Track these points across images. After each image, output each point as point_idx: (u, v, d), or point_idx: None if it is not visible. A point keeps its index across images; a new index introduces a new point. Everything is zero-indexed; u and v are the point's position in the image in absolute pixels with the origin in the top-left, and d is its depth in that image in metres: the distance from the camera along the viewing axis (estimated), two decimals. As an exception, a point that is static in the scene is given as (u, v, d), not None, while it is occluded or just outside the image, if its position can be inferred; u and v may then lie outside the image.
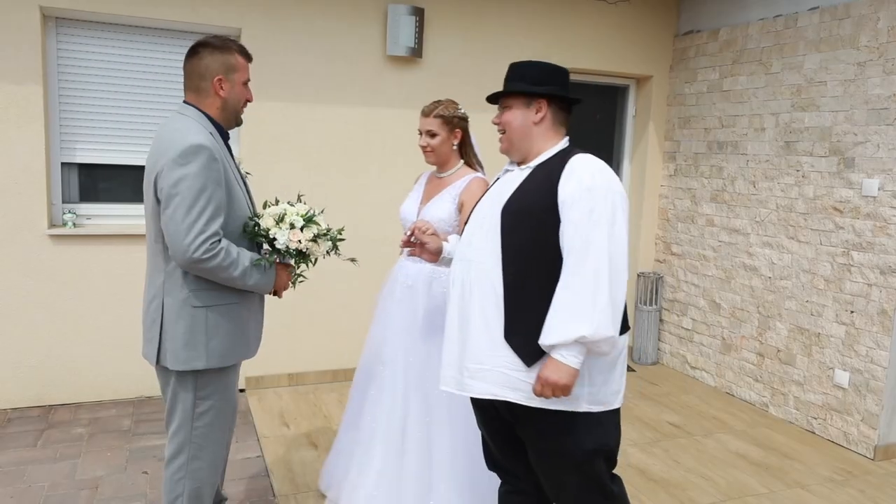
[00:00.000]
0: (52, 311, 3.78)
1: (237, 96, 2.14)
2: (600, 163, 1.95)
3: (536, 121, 2.01)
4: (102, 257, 3.83)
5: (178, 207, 1.93)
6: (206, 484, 2.20)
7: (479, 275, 1.95)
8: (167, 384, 2.16)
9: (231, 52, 2.10)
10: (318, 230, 2.14)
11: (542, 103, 2.00)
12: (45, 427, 3.56)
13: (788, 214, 4.11)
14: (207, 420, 2.15)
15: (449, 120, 2.60)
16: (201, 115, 2.09)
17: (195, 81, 2.09)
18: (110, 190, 3.99)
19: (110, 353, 3.90)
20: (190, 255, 1.93)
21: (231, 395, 2.24)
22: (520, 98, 2.02)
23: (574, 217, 1.84)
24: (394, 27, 4.16)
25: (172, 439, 2.17)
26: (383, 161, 4.35)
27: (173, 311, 2.05)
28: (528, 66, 2.05)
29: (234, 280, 2.03)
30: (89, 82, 3.81)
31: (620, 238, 1.86)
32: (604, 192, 1.86)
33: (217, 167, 1.99)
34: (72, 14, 3.68)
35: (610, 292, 1.81)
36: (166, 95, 3.95)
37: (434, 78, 4.40)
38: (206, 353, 2.06)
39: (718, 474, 3.37)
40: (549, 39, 4.67)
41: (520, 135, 2.02)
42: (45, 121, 3.67)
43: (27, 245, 3.68)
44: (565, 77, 2.06)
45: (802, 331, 4.02)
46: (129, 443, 3.42)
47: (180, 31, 3.92)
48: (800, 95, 4.04)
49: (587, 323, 1.78)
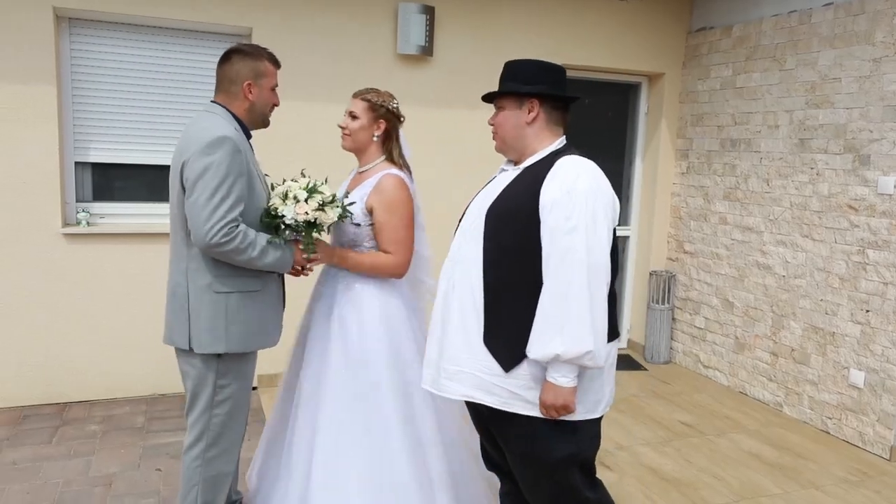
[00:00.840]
0: (66, 310, 3.81)
1: (264, 100, 2.26)
2: (588, 165, 1.88)
3: (528, 121, 1.96)
4: (116, 256, 3.86)
5: (202, 194, 2.02)
6: (221, 473, 2.27)
7: (462, 276, 1.94)
8: (189, 371, 2.22)
9: (261, 59, 2.22)
10: (324, 198, 2.17)
11: (534, 103, 1.95)
12: (60, 424, 3.59)
13: (803, 212, 4.07)
14: (226, 409, 2.22)
15: (375, 107, 2.39)
16: (228, 113, 2.20)
17: (226, 85, 2.22)
18: (124, 189, 4.02)
19: (124, 351, 3.93)
20: (209, 240, 2.01)
21: (248, 385, 2.30)
22: (512, 98, 1.97)
23: (551, 223, 1.80)
24: (404, 26, 4.16)
25: (192, 428, 2.24)
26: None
27: (196, 297, 2.13)
28: (520, 65, 2.00)
29: (252, 261, 2.09)
30: (102, 82, 3.84)
31: (600, 245, 1.79)
32: (584, 195, 1.79)
33: (240, 158, 2.08)
34: (84, 14, 3.71)
35: (589, 304, 1.75)
36: (179, 94, 3.98)
37: (445, 76, 4.40)
38: (227, 338, 2.14)
39: (731, 474, 3.34)
40: (561, 37, 4.65)
41: (512, 135, 1.98)
42: (59, 120, 3.70)
43: (41, 244, 3.71)
44: (560, 75, 2.00)
45: (817, 330, 3.98)
46: (143, 440, 3.44)
47: (192, 30, 3.94)
48: (814, 92, 4.00)
49: (558, 340, 1.76)
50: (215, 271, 2.12)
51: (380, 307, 2.37)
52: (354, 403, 2.30)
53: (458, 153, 4.51)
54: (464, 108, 4.47)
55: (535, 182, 1.86)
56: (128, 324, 3.91)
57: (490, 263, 1.89)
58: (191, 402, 2.24)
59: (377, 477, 2.26)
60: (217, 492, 2.28)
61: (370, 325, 2.34)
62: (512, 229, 1.86)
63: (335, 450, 2.27)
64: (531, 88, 1.94)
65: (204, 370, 2.18)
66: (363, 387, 2.30)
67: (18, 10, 3.52)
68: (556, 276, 1.77)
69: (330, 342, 2.36)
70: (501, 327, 1.87)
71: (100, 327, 3.88)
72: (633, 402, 4.25)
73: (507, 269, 1.86)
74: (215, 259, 2.11)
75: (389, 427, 2.29)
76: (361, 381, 2.31)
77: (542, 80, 1.95)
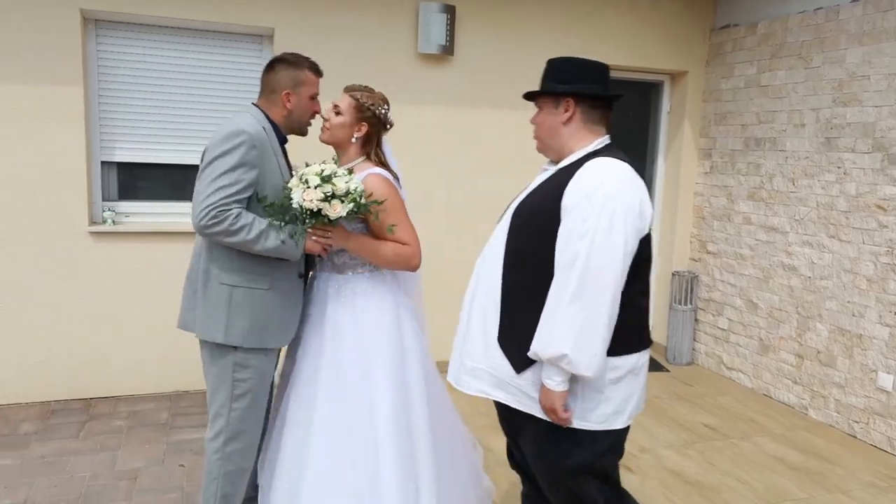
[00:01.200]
0: (92, 307, 3.87)
1: (302, 109, 2.30)
2: (617, 168, 1.81)
3: (564, 121, 1.91)
4: (141, 254, 3.92)
5: (205, 180, 2.08)
6: (241, 468, 2.30)
7: (486, 274, 1.94)
8: (206, 363, 2.26)
9: (302, 69, 2.28)
10: (334, 190, 2.06)
11: (569, 102, 1.90)
12: (87, 419, 3.65)
13: (829, 212, 4.01)
14: (244, 404, 2.25)
15: (361, 108, 2.26)
16: (261, 114, 2.25)
17: (267, 92, 2.29)
18: (148, 188, 4.08)
19: (149, 348, 3.99)
20: (199, 221, 2.06)
21: (267, 382, 2.32)
22: (548, 97, 1.94)
23: (568, 226, 1.77)
24: (425, 25, 4.16)
25: (213, 422, 2.27)
26: (415, 158, 4.36)
27: (204, 284, 2.19)
28: (558, 64, 1.95)
29: (248, 244, 2.09)
30: (127, 82, 3.90)
31: (611, 253, 1.73)
32: (603, 200, 1.73)
33: (255, 153, 2.11)
34: (111, 16, 3.76)
35: (579, 309, 1.71)
36: (202, 94, 4.02)
37: (466, 76, 4.40)
38: (225, 329, 2.17)
39: (755, 478, 3.30)
40: (585, 35, 4.63)
41: (549, 135, 1.95)
42: (86, 120, 3.76)
43: (68, 242, 3.78)
44: (599, 73, 1.94)
45: (844, 332, 3.91)
46: (167, 436, 3.49)
47: (215, 31, 3.99)
48: (841, 90, 3.93)
49: (538, 339, 1.77)
50: (224, 263, 2.16)
51: (375, 310, 2.29)
52: (346, 407, 2.22)
53: (480, 152, 4.50)
54: (485, 108, 4.47)
55: (561, 184, 1.82)
56: (152, 321, 3.96)
57: (509, 263, 1.88)
58: (211, 396, 2.28)
59: (360, 482, 2.17)
60: (236, 486, 2.31)
61: (365, 328, 2.27)
62: (532, 230, 1.84)
63: (324, 453, 2.19)
64: (566, 88, 1.90)
65: (220, 362, 2.21)
66: (356, 391, 2.23)
67: (47, 13, 3.58)
68: (559, 279, 1.76)
69: (323, 346, 2.28)
70: (514, 328, 1.86)
71: (125, 324, 3.94)
72: (656, 404, 4.21)
73: (524, 271, 1.85)
74: (227, 251, 2.15)
75: (380, 431, 2.20)
76: (355, 384, 2.23)
77: (579, 78, 1.91)
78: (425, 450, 2.27)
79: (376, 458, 2.18)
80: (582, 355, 1.73)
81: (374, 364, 2.24)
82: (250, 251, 2.13)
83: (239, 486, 2.32)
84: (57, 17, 3.60)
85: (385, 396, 2.22)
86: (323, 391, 2.24)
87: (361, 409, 2.22)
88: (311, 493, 2.17)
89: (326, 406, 2.22)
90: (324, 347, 2.28)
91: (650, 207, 1.85)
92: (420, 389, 2.30)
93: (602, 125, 1.95)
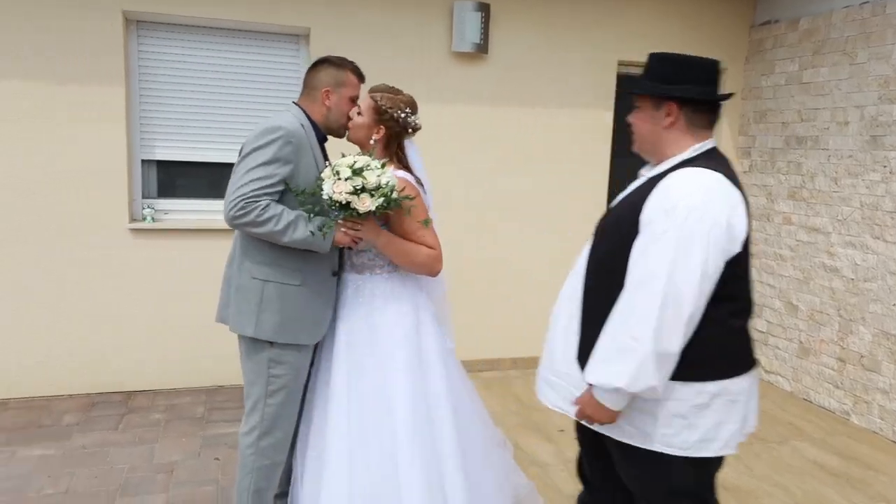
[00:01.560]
0: (131, 302, 3.96)
1: (341, 109, 2.32)
2: (704, 181, 1.63)
3: (665, 125, 1.75)
4: (179, 251, 3.99)
5: (238, 172, 2.13)
6: (274, 462, 2.33)
7: (573, 284, 1.85)
8: (243, 357, 2.29)
9: (344, 70, 2.32)
10: (364, 183, 2.01)
11: (673, 107, 1.73)
12: (126, 412, 3.74)
13: (874, 213, 3.89)
14: (279, 399, 2.27)
15: (380, 111, 2.23)
16: (301, 112, 2.29)
17: (308, 89, 2.33)
18: (187, 186, 4.15)
19: (186, 342, 4.06)
20: (228, 211, 2.10)
21: (302, 378, 2.33)
22: (648, 98, 1.77)
23: (643, 241, 1.64)
24: (459, 23, 4.15)
25: (248, 416, 2.30)
26: (450, 157, 4.36)
27: (238, 278, 2.24)
28: (661, 61, 1.77)
29: (275, 235, 2.11)
30: (167, 82, 3.97)
31: (689, 274, 1.57)
32: (684, 216, 1.58)
33: (290, 149, 2.14)
34: (152, 17, 3.84)
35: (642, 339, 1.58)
36: (240, 94, 4.08)
37: (500, 74, 4.38)
38: (256, 323, 2.20)
39: (794, 483, 3.22)
40: (620, 32, 4.57)
41: (649, 139, 1.80)
42: (127, 120, 3.84)
43: (109, 238, 3.87)
44: (709, 72, 1.75)
45: (888, 336, 3.79)
46: (203, 430, 3.54)
47: (252, 31, 4.04)
48: (888, 87, 3.81)
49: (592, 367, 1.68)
50: (257, 257, 2.20)
51: (393, 312, 2.26)
52: (362, 410, 2.20)
53: (514, 151, 4.48)
54: (520, 107, 4.44)
55: (643, 196, 1.69)
56: (190, 316, 4.03)
57: (590, 276, 1.78)
58: (247, 391, 2.31)
59: (377, 484, 2.15)
60: (269, 480, 2.34)
61: (383, 330, 2.24)
62: (612, 243, 1.73)
63: (345, 455, 2.18)
64: (670, 90, 1.72)
65: (256, 358, 2.25)
66: (373, 393, 2.21)
67: (91, 15, 3.67)
68: (625, 299, 1.64)
69: (338, 347, 2.27)
70: (592, 346, 1.74)
71: (163, 319, 4.02)
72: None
73: (603, 285, 1.74)
74: (261, 246, 2.19)
75: (400, 436, 2.17)
76: (371, 387, 2.22)
77: (686, 78, 1.72)
78: (451, 451, 2.24)
79: (394, 462, 2.15)
80: (636, 386, 1.62)
81: (391, 367, 2.22)
82: (279, 243, 2.14)
83: (272, 480, 2.35)
84: (100, 19, 3.69)
85: (403, 399, 2.19)
86: (337, 393, 2.22)
87: (378, 411, 2.20)
88: (329, 494, 2.17)
89: (340, 409, 2.21)
90: (339, 349, 2.26)
91: (743, 222, 1.65)
92: (443, 392, 2.27)
93: (708, 128, 1.78)
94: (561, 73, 4.47)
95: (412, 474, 2.14)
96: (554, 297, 1.97)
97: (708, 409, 1.71)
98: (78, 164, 3.77)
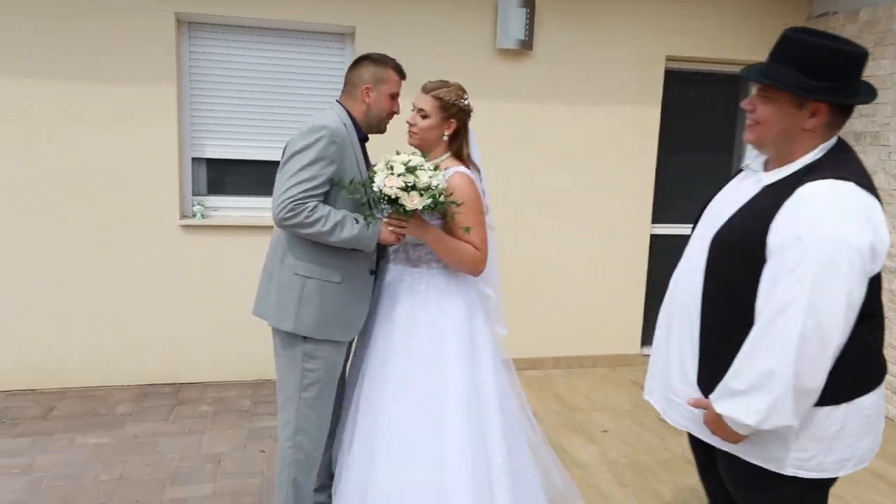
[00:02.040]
0: (182, 296, 4.07)
1: (381, 106, 2.33)
2: (840, 196, 1.46)
3: (807, 127, 1.55)
4: (228, 247, 4.08)
5: (285, 174, 2.14)
6: (310, 455, 2.35)
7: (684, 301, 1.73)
8: (277, 351, 2.32)
9: (385, 67, 2.32)
10: (416, 182, 2.05)
11: (822, 107, 1.52)
12: (176, 403, 3.84)
13: (938, 212, 3.71)
14: (313, 393, 2.29)
15: (447, 106, 2.25)
16: (343, 111, 2.30)
17: (349, 87, 2.34)
18: (236, 183, 4.24)
19: (233, 336, 4.15)
20: (277, 213, 2.12)
21: (336, 373, 2.35)
22: (789, 93, 1.55)
23: (775, 269, 1.49)
24: (504, 20, 4.13)
25: (283, 410, 2.33)
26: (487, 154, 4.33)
27: (279, 273, 2.25)
28: (808, 48, 1.52)
29: (323, 236, 2.14)
30: (216, 81, 4.06)
31: (834, 305, 1.43)
32: (819, 242, 1.42)
33: (334, 148, 2.16)
34: (202, 18, 3.93)
35: (792, 372, 1.46)
36: (287, 92, 4.14)
37: (545, 71, 4.34)
38: (295, 319, 2.22)
39: (850, 493, 3.10)
40: (668, 27, 4.47)
41: (779, 139, 1.61)
42: (178, 118, 3.95)
43: (161, 235, 3.99)
44: (860, 65, 1.54)
45: (953, 341, 3.62)
46: (249, 422, 3.62)
47: (299, 31, 4.10)
48: (955, 79, 3.63)
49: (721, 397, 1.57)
50: (299, 254, 2.22)
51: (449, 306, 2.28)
52: (414, 403, 2.22)
53: (558, 149, 4.43)
54: (564, 104, 4.39)
55: (770, 211, 1.53)
56: (237, 311, 4.12)
57: (710, 302, 1.64)
58: (280, 384, 2.33)
59: (429, 477, 2.16)
60: (307, 473, 2.36)
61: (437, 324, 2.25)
62: (738, 262, 1.58)
63: (397, 450, 2.20)
64: (822, 88, 1.50)
65: (290, 352, 2.27)
66: (426, 387, 2.22)
67: (144, 17, 3.78)
68: (761, 329, 1.50)
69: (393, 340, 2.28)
70: (716, 372, 1.63)
71: (212, 313, 4.12)
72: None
73: (727, 313, 1.61)
74: (303, 242, 2.20)
75: (449, 429, 2.18)
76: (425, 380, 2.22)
77: (839, 73, 1.50)
78: (499, 448, 2.24)
79: (443, 458, 2.16)
80: (769, 424, 1.53)
81: (445, 361, 2.23)
82: (326, 242, 2.17)
83: (310, 473, 2.37)
84: (153, 20, 3.80)
85: (456, 393, 2.20)
86: (392, 386, 2.24)
87: (431, 405, 2.20)
88: (380, 487, 2.18)
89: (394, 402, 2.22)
90: (394, 342, 2.28)
91: (884, 236, 1.48)
92: (492, 388, 2.28)
93: (840, 127, 1.61)
94: (606, 69, 4.40)
95: (461, 469, 2.15)
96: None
97: (844, 429, 1.60)
98: (131, 161, 3.89)
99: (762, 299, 1.52)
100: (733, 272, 1.59)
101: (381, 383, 2.27)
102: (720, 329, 1.62)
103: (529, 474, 2.40)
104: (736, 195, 1.71)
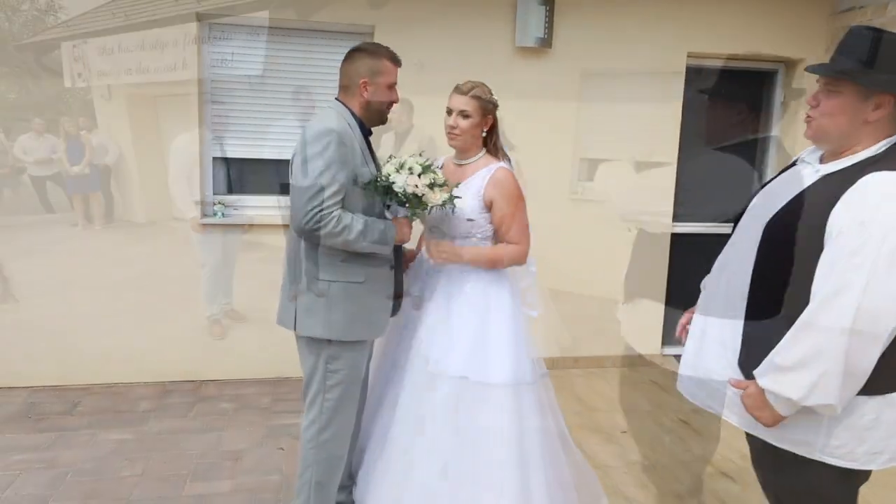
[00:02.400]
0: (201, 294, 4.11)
1: (380, 98, 2.32)
2: None
3: (871, 119, 1.58)
4: (248, 245, 4.12)
5: (303, 182, 2.12)
6: (334, 456, 2.36)
7: (730, 283, 1.74)
8: (303, 354, 2.34)
9: (379, 58, 2.30)
10: (436, 178, 2.22)
11: (888, 99, 1.56)
12: (196, 401, 3.88)
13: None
14: (336, 394, 2.30)
15: (484, 104, 2.38)
16: (345, 109, 2.28)
17: (345, 82, 2.33)
18: (255, 182, 4.27)
19: (253, 334, 4.18)
20: (303, 224, 2.10)
21: (359, 374, 2.37)
22: (853, 85, 1.58)
23: (833, 254, 1.50)
24: (523, 17, 4.11)
25: (308, 410, 2.35)
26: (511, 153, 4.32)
27: (302, 280, 2.25)
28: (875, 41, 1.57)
29: (350, 244, 2.15)
30: (236, 81, 4.09)
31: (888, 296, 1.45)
32: (882, 229, 1.45)
33: (344, 150, 2.15)
34: (223, 19, 3.97)
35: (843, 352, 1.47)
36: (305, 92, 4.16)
37: (564, 69, 4.31)
38: (325, 324, 2.22)
39: (879, 495, 3.04)
40: (688, 23, 4.42)
41: (843, 132, 1.62)
42: (199, 118, 3.99)
43: (182, 233, 4.03)
44: None
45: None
46: (268, 420, 3.65)
47: (318, 31, 4.11)
48: None
49: (767, 371, 1.57)
50: (320, 260, 2.21)
51: (495, 297, 2.37)
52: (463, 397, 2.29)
53: (578, 147, 4.40)
54: (584, 101, 4.36)
55: (830, 200, 1.55)
56: (257, 308, 4.15)
57: (759, 285, 1.67)
58: (306, 385, 2.35)
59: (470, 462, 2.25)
60: (331, 474, 2.37)
61: (489, 315, 2.34)
62: (791, 250, 1.60)
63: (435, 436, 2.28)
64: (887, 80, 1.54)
65: (315, 354, 2.28)
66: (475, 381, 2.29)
67: (166, 18, 3.83)
68: (815, 310, 1.52)
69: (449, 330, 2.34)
70: (759, 354, 1.65)
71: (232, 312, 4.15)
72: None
73: (778, 297, 1.62)
74: (322, 248, 2.19)
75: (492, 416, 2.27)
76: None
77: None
78: (535, 447, 2.31)
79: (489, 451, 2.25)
80: (811, 400, 1.55)
81: (492, 351, 2.30)
82: (349, 249, 2.18)
83: (333, 474, 2.38)
84: (175, 21, 3.84)
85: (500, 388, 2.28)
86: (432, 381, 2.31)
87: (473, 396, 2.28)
88: (412, 491, 2.25)
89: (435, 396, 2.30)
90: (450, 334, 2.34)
91: None
92: (530, 381, 2.36)
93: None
94: (627, 67, 4.36)
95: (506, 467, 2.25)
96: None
97: (878, 421, 1.62)
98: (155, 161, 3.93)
99: (818, 282, 1.54)
100: (788, 257, 1.60)
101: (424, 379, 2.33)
102: (768, 312, 1.64)
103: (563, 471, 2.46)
104: (792, 184, 1.71)
